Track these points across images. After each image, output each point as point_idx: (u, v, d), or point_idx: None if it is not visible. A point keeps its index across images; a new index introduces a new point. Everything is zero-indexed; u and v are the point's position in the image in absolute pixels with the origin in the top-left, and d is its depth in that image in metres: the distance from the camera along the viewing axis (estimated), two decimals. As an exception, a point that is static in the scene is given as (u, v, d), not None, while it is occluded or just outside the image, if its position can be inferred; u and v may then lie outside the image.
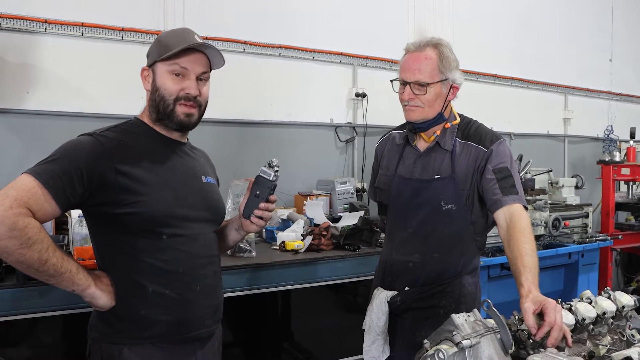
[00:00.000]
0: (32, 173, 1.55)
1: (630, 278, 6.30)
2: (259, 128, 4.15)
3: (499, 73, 5.50)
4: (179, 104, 1.77)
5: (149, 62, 1.81)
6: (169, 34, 1.83)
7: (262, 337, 3.14)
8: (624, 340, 1.66)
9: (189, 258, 1.75)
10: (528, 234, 1.89)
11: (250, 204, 1.93)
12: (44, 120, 3.36)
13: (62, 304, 2.45)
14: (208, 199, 1.87)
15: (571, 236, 4.50)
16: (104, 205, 1.64)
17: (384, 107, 4.48)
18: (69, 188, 1.56)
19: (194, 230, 1.78)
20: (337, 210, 3.95)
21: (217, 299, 1.88)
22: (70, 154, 1.62)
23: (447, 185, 2.15)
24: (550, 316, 1.48)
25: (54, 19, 3.35)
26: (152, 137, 1.81)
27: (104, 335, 1.71)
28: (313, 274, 3.09)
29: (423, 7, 4.92)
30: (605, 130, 6.40)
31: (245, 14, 4.05)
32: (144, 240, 1.68)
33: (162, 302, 1.70)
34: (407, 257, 2.23)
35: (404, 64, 2.16)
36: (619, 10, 6.63)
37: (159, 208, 1.68)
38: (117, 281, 1.70)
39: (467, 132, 2.21)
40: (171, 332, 1.72)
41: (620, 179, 5.44)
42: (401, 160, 2.29)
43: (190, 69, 1.77)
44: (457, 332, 1.40)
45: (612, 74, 6.62)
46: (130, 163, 1.67)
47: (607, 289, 1.74)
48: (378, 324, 2.21)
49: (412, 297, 2.20)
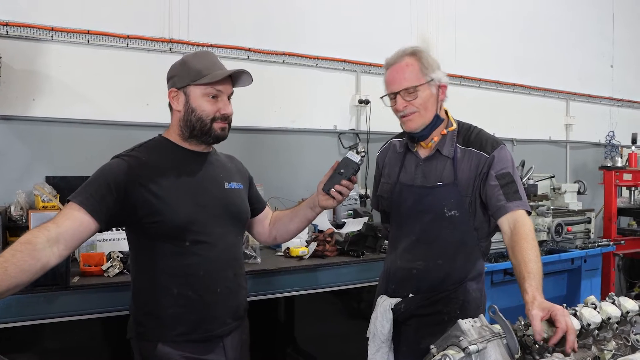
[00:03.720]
0: (71, 198, 1.75)
1: (632, 283, 6.30)
2: (264, 134, 4.17)
3: (501, 79, 5.53)
4: (215, 122, 1.93)
5: (179, 85, 1.92)
6: (195, 58, 1.96)
7: (267, 343, 3.15)
8: (629, 345, 1.67)
9: (209, 262, 1.91)
10: (532, 241, 1.90)
11: (332, 179, 2.04)
12: (49, 127, 3.38)
13: (69, 309, 2.46)
14: (229, 204, 2.01)
15: (574, 242, 4.50)
16: (133, 216, 1.81)
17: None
18: (103, 204, 1.74)
19: (214, 236, 1.93)
20: (341, 216, 3.96)
21: (237, 299, 2.02)
22: (100, 176, 1.80)
23: (449, 192, 2.15)
24: (562, 322, 1.50)
25: (60, 27, 3.38)
26: (174, 152, 1.96)
27: (139, 335, 1.91)
28: (317, 280, 3.10)
29: (426, 14, 4.94)
30: (607, 136, 6.41)
31: (249, 21, 4.08)
32: (169, 247, 1.86)
33: (186, 303, 1.87)
34: (411, 264, 2.23)
35: (388, 78, 2.20)
36: (619, 16, 6.66)
37: (180, 217, 1.84)
38: (148, 284, 1.89)
39: (468, 138, 2.22)
40: (196, 330, 1.89)
41: (622, 185, 5.44)
42: (403, 167, 2.30)
43: (224, 91, 1.94)
44: (463, 338, 1.42)
45: (614, 79, 6.64)
46: (152, 177, 1.84)
47: (612, 294, 1.75)
48: (382, 331, 2.21)
49: (416, 304, 2.20)
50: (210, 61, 1.95)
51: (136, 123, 3.58)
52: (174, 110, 1.96)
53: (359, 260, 3.24)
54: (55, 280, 2.39)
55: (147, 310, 1.90)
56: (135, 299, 1.95)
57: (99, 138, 3.49)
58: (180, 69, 1.94)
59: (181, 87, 1.91)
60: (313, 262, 3.12)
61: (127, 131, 3.56)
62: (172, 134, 1.98)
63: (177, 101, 1.93)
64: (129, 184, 1.79)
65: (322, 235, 3.35)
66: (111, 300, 2.53)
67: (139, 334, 1.91)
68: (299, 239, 3.29)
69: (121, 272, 2.67)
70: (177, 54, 3.64)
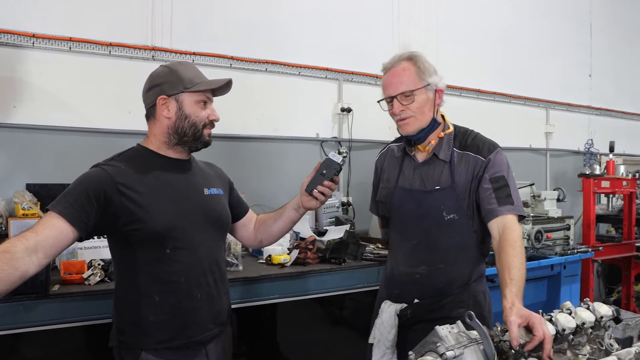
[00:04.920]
0: (50, 207, 1.74)
1: (611, 289, 6.39)
2: (246, 142, 4.18)
3: (482, 88, 5.60)
4: (205, 128, 1.98)
5: (170, 92, 1.93)
6: (182, 66, 1.99)
7: (249, 351, 3.15)
8: (603, 350, 1.71)
9: (190, 269, 1.92)
10: (518, 247, 1.93)
11: (315, 180, 2.08)
12: (30, 135, 3.36)
13: (49, 318, 2.43)
14: (209, 210, 2.02)
15: (553, 248, 4.55)
16: (113, 224, 1.82)
17: (369, 121, 4.54)
18: (82, 213, 1.74)
19: (195, 242, 1.94)
20: (323, 224, 3.95)
21: (219, 305, 2.03)
22: (79, 185, 1.80)
23: (447, 196, 2.18)
24: (539, 330, 1.53)
25: (42, 34, 3.36)
26: (154, 160, 1.97)
27: (121, 343, 1.91)
28: (299, 287, 3.10)
29: (408, 24, 5.00)
30: (586, 144, 6.50)
31: (232, 30, 4.09)
32: (149, 254, 1.87)
33: (167, 310, 1.88)
34: (413, 269, 2.25)
35: (385, 82, 2.22)
36: (597, 27, 6.77)
37: (160, 224, 1.85)
38: (130, 291, 1.90)
39: (465, 142, 2.25)
40: (178, 337, 1.89)
41: (600, 192, 5.52)
42: (401, 172, 2.32)
43: (211, 98, 2.02)
44: (441, 344, 1.44)
45: (592, 88, 6.75)
46: (132, 185, 1.84)
47: (587, 300, 1.78)
48: (388, 337, 2.21)
49: (424, 309, 2.21)
50: (197, 70, 2.01)
51: (118, 131, 3.57)
52: (160, 117, 1.95)
53: (340, 267, 3.25)
54: (34, 288, 2.37)
55: (129, 318, 1.90)
56: (117, 307, 1.95)
57: (80, 146, 3.48)
58: (170, 77, 1.94)
59: (172, 94, 1.93)
60: (295, 270, 3.13)
61: (109, 139, 3.55)
62: (153, 142, 1.99)
63: (167, 108, 1.93)
64: (108, 193, 1.79)
65: (303, 242, 3.36)
66: (92, 308, 2.51)
67: (121, 342, 1.91)
68: (281, 246, 3.30)
69: (102, 280, 2.65)
70: (160, 61, 3.63)
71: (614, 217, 5.87)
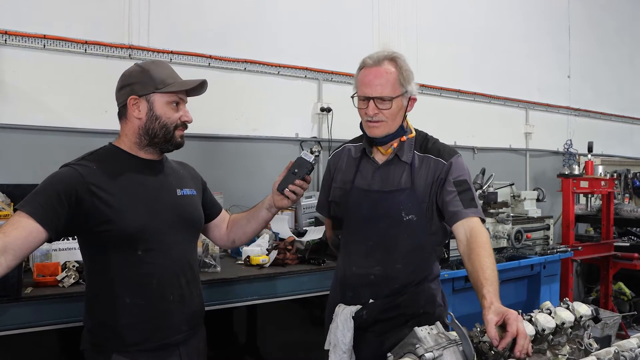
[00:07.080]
0: (19, 207, 1.71)
1: (590, 288, 6.46)
2: (225, 142, 4.14)
3: (462, 88, 5.61)
4: (177, 130, 1.95)
5: (141, 92, 1.89)
6: (155, 66, 1.95)
7: (228, 353, 3.11)
8: (582, 349, 1.71)
9: (162, 270, 1.89)
10: (488, 249, 1.93)
11: (287, 179, 2.11)
12: (3, 134, 3.29)
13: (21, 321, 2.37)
14: (181, 211, 1.99)
15: (533, 248, 4.59)
16: (84, 224, 1.78)
17: (348, 121, 4.47)
18: (53, 213, 1.70)
19: (167, 243, 1.91)
20: (302, 224, 3.95)
21: (192, 306, 1.99)
22: (49, 185, 1.77)
23: (407, 197, 2.17)
24: (512, 326, 1.52)
25: (14, 31, 3.29)
26: (126, 160, 1.93)
27: (92, 346, 1.88)
28: (278, 288, 3.08)
29: (388, 24, 4.99)
30: (565, 144, 6.57)
31: (210, 29, 4.05)
32: (121, 255, 1.83)
33: (140, 312, 1.85)
34: (368, 270, 2.21)
35: (365, 79, 2.15)
36: (575, 29, 6.85)
37: (131, 225, 1.82)
38: (101, 293, 1.86)
39: (425, 145, 2.25)
40: (150, 339, 1.86)
41: (579, 192, 5.58)
42: (358, 172, 2.29)
43: (184, 99, 1.97)
44: (420, 345, 1.43)
45: (571, 90, 6.82)
46: (103, 185, 1.81)
47: (566, 300, 1.79)
48: (344, 341, 2.17)
49: (379, 309, 2.19)
50: (170, 70, 1.97)
51: (94, 130, 3.50)
52: (131, 117, 1.91)
53: (319, 268, 3.22)
54: (6, 291, 2.31)
55: (101, 320, 1.87)
56: (89, 309, 1.92)
57: (55, 145, 3.40)
58: (141, 77, 1.90)
59: (143, 94, 1.89)
60: (274, 271, 3.10)
61: (85, 138, 3.48)
62: (125, 142, 1.95)
63: (137, 109, 1.89)
64: (79, 193, 1.75)
65: (282, 243, 3.33)
66: (66, 311, 2.45)
67: (93, 345, 1.88)
68: (260, 247, 3.26)
69: (77, 282, 2.60)
70: (137, 60, 3.58)
71: (593, 217, 5.95)
